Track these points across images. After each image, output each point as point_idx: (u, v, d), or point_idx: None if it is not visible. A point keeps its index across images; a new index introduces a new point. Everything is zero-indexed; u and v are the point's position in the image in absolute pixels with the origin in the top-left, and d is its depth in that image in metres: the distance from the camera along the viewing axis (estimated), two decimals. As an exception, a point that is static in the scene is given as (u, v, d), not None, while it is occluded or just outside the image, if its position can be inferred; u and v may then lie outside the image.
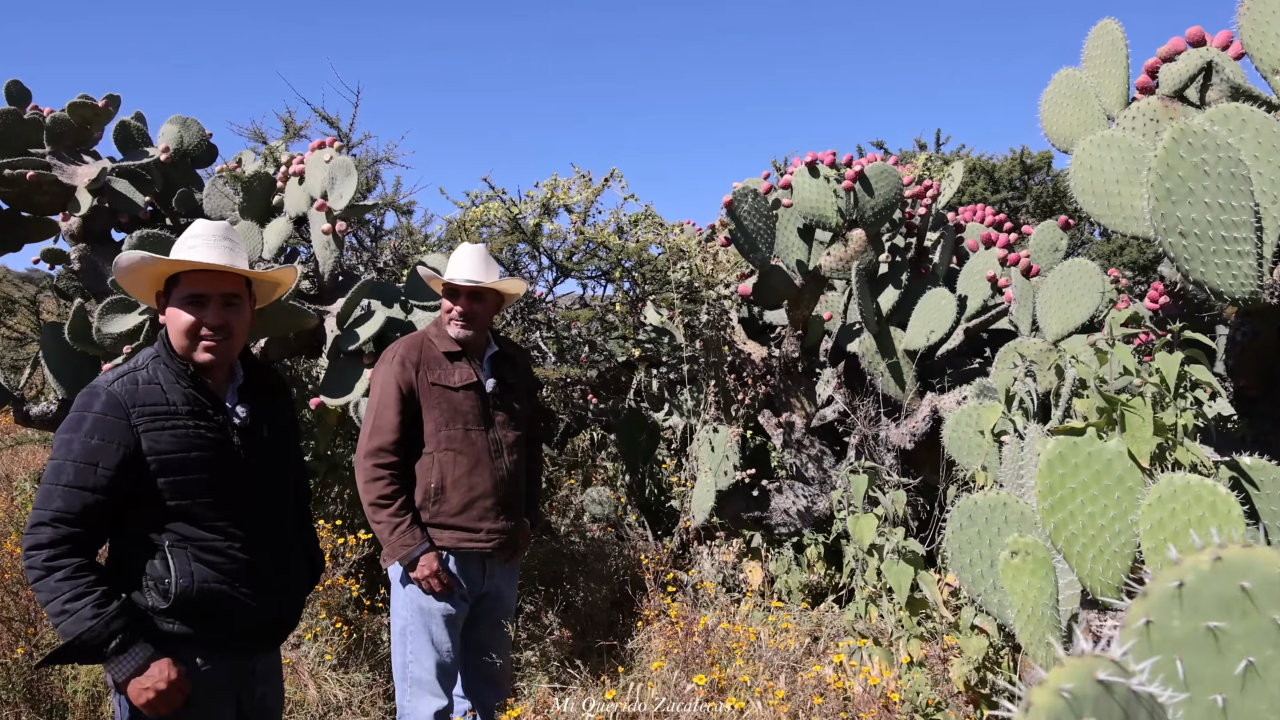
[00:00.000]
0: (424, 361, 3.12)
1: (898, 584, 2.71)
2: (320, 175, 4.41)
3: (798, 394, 5.19)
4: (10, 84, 5.28)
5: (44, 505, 2.07)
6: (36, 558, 2.04)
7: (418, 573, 3.02)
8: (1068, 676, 0.99)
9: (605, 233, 5.20)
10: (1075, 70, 2.93)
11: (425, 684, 3.08)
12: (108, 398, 2.14)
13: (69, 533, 2.06)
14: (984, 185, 9.64)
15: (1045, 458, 1.80)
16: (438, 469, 3.07)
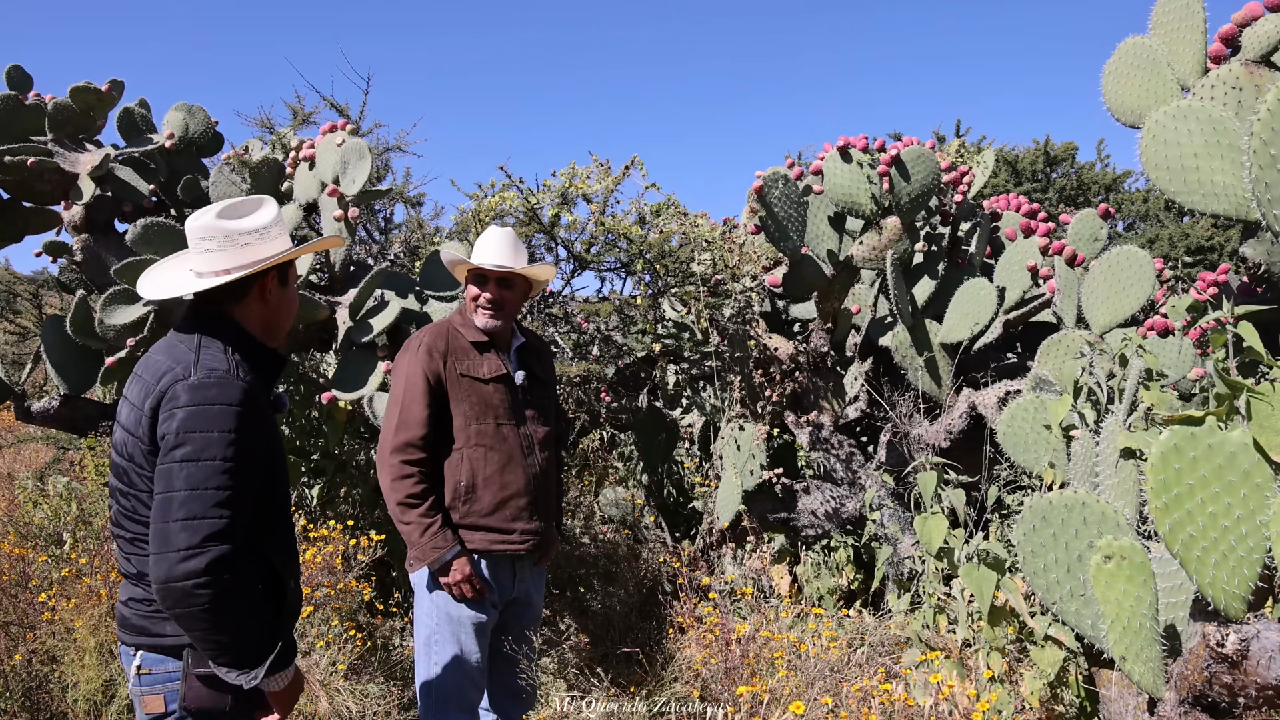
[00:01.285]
0: (451, 351, 2.90)
1: (979, 590, 2.51)
2: (332, 160, 4.24)
3: (826, 391, 5.00)
4: (11, 69, 5.12)
5: (205, 513, 1.85)
6: (223, 575, 1.84)
7: (450, 578, 2.81)
8: None
9: (625, 223, 5.01)
10: (1143, 38, 2.74)
11: (452, 697, 2.87)
12: (242, 388, 1.96)
13: (238, 547, 1.88)
14: (1006, 177, 9.44)
15: (1158, 451, 1.61)
16: (468, 466, 2.86)
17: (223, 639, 1.87)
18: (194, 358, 1.98)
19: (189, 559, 1.81)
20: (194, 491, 1.84)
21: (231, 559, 1.84)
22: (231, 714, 2.01)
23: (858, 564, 4.93)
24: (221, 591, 1.83)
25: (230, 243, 2.05)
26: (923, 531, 2.78)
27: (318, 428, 5.34)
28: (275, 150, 4.96)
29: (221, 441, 1.88)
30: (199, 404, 1.90)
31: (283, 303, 2.18)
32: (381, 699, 3.68)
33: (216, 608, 1.82)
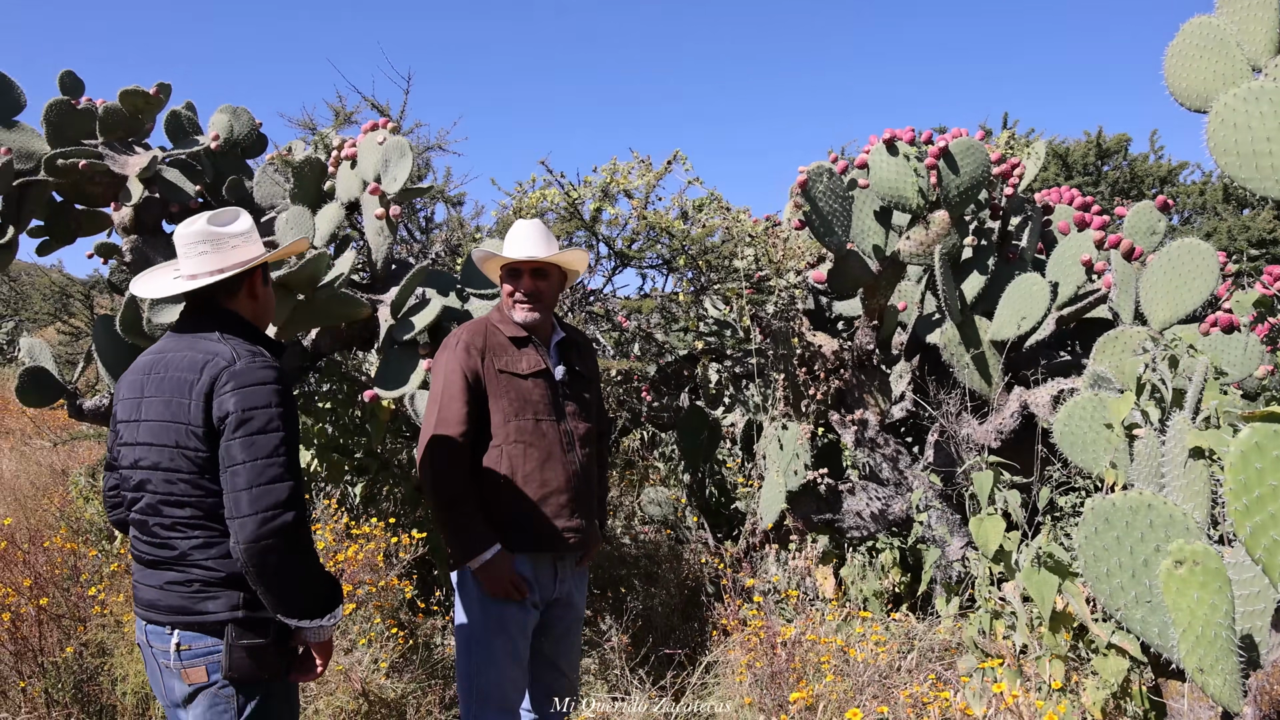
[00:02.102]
0: (489, 347, 2.86)
1: (1039, 595, 2.42)
2: (373, 158, 4.24)
3: (871, 389, 4.90)
4: (63, 75, 5.22)
5: (276, 480, 2.05)
6: (302, 534, 2.06)
7: (490, 576, 2.77)
8: None
9: (668, 218, 4.95)
10: (1210, 17, 2.62)
11: (493, 698, 2.82)
12: (280, 369, 2.18)
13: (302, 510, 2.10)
14: (1056, 170, 9.21)
15: (1238, 449, 1.52)
16: (507, 463, 2.81)
17: (296, 590, 2.08)
18: (228, 347, 2.16)
19: (267, 521, 2.01)
20: (261, 460, 2.04)
21: (300, 520, 2.06)
22: (272, 676, 2.18)
23: (903, 566, 4.83)
24: (295, 548, 2.04)
25: (221, 245, 2.28)
26: (979, 533, 2.68)
27: (361, 426, 5.36)
28: (318, 150, 4.99)
29: (278, 415, 2.09)
30: (253, 384, 2.10)
31: (267, 299, 2.41)
32: (423, 696, 3.67)
33: (291, 563, 2.04)
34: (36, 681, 3.48)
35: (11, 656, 3.56)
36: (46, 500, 6.03)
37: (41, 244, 5.59)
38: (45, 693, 3.46)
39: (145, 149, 5.25)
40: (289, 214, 4.31)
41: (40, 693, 3.45)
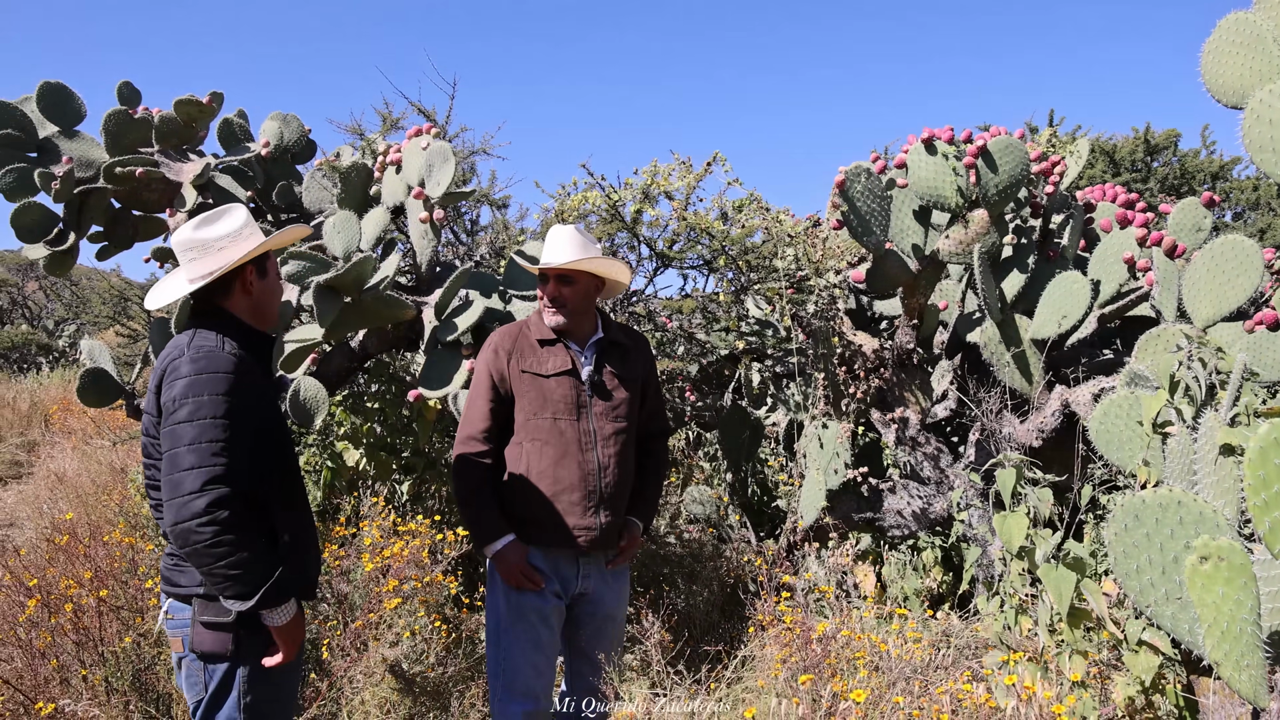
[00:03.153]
0: (517, 349, 2.98)
1: (1057, 592, 2.42)
2: (417, 163, 4.34)
3: (912, 388, 4.89)
4: (121, 85, 5.39)
5: (203, 462, 2.12)
6: (218, 515, 2.09)
7: (500, 565, 2.90)
8: None
9: (708, 219, 4.99)
10: (1247, 13, 2.60)
11: (517, 683, 2.91)
12: (228, 359, 2.25)
13: (235, 491, 2.14)
14: (1103, 167, 9.05)
15: (1258, 444, 1.53)
16: (523, 459, 2.93)
17: (224, 570, 2.12)
18: (188, 341, 2.30)
19: (192, 501, 2.09)
20: (193, 445, 2.13)
21: (229, 500, 2.11)
22: (234, 657, 2.26)
23: (946, 566, 4.82)
24: (222, 528, 2.09)
25: (207, 249, 2.37)
26: (1002, 530, 2.69)
27: (408, 425, 5.47)
28: (364, 155, 5.10)
29: (214, 402, 2.17)
30: (193, 373, 2.20)
31: (265, 291, 2.48)
32: (466, 689, 3.75)
33: (217, 542, 2.09)
34: (97, 670, 3.62)
35: (74, 646, 3.71)
36: (106, 497, 6.24)
37: (101, 249, 5.79)
38: (105, 681, 3.60)
39: (199, 156, 5.42)
40: (336, 218, 4.42)
41: (100, 680, 3.59)
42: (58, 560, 4.35)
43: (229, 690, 2.27)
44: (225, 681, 2.27)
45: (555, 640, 3.01)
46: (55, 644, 3.69)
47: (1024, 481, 2.93)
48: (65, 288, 22.38)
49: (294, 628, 2.30)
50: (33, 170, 5.09)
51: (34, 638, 3.71)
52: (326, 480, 5.17)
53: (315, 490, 5.12)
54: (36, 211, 5.22)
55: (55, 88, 5.29)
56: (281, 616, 2.26)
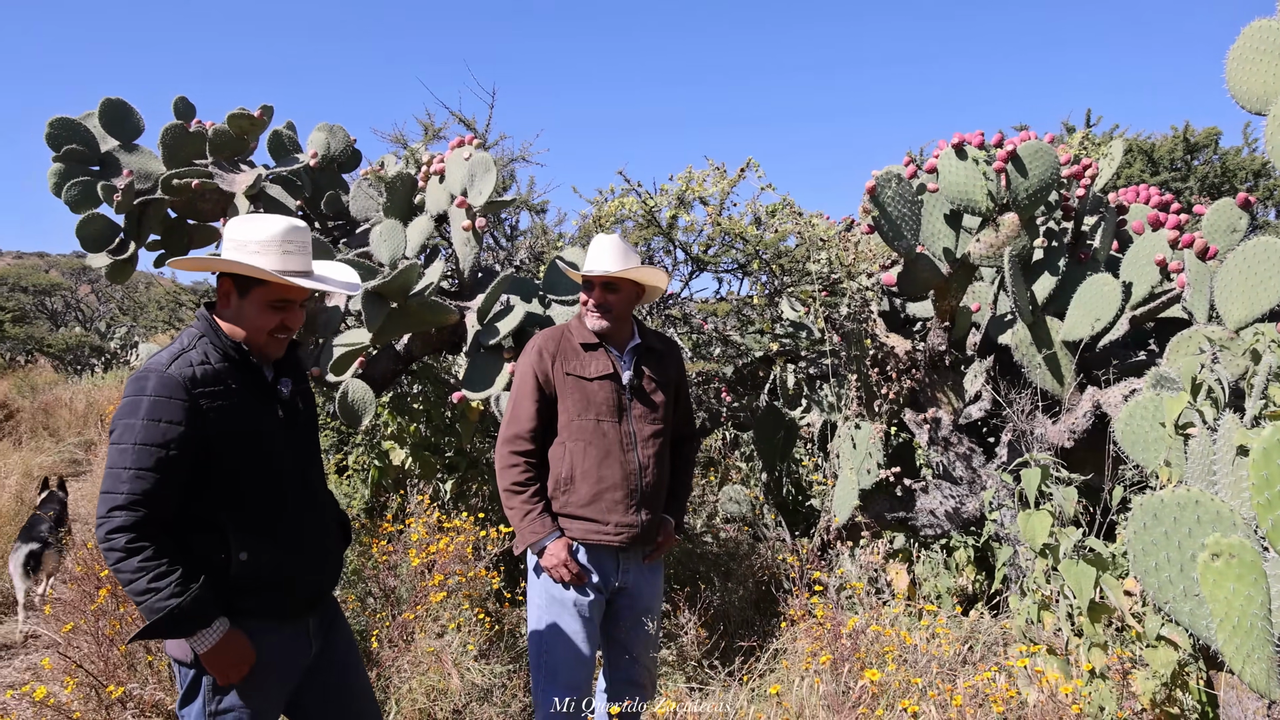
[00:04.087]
0: (561, 352, 3.11)
1: (1078, 586, 2.49)
2: (460, 173, 4.49)
3: (944, 389, 4.95)
4: (177, 100, 5.61)
5: (114, 489, 2.12)
6: (117, 540, 2.10)
7: (545, 561, 3.02)
8: None
9: (742, 224, 5.09)
10: (1270, 21, 2.65)
11: (559, 675, 3.04)
12: (162, 380, 2.18)
13: (143, 515, 2.12)
14: (1142, 166, 8.98)
15: (1260, 445, 1.60)
16: (568, 459, 3.05)
17: (131, 590, 2.12)
18: (158, 351, 2.29)
19: (100, 525, 2.11)
20: (111, 470, 2.14)
21: (129, 528, 2.09)
22: (197, 664, 2.24)
23: (979, 565, 4.87)
24: (118, 555, 2.09)
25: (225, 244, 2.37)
26: (1025, 528, 2.76)
27: (451, 426, 5.63)
28: (408, 165, 5.26)
29: (133, 427, 2.14)
30: (129, 394, 2.19)
31: (238, 315, 2.35)
32: (508, 678, 3.89)
33: (116, 569, 2.11)
34: (161, 657, 3.81)
35: (139, 634, 3.90)
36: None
37: (158, 257, 6.02)
38: (168, 666, 3.79)
39: (250, 167, 5.62)
40: (382, 227, 4.59)
41: (164, 666, 3.78)
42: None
43: (195, 695, 2.28)
44: (192, 686, 2.28)
45: (595, 633, 3.14)
46: (123, 631, 3.88)
47: (1050, 481, 3.00)
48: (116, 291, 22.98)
49: (221, 653, 2.21)
50: (96, 183, 5.33)
51: (103, 626, 3.91)
52: (374, 479, 5.34)
53: (363, 488, 5.29)
54: (100, 222, 5.46)
55: (116, 104, 5.52)
56: (202, 643, 2.19)
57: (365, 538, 4.87)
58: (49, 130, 5.46)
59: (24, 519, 7.11)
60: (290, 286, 2.33)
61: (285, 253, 2.32)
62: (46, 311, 24.91)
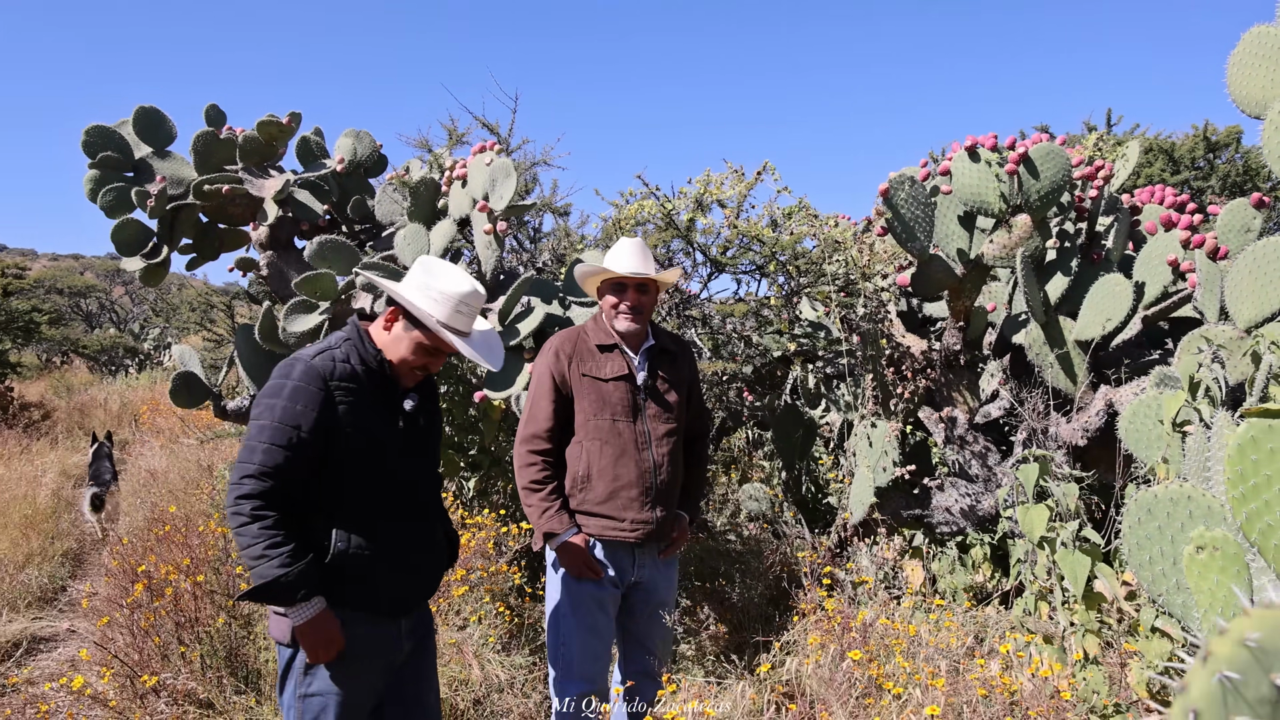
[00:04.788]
0: (577, 353, 3.20)
1: (1073, 575, 2.56)
2: (481, 178, 4.60)
3: (959, 388, 5.00)
4: (209, 108, 5.76)
5: (249, 459, 2.30)
6: (244, 506, 2.28)
7: (563, 556, 3.11)
8: (1255, 625, 0.86)
9: (759, 226, 5.17)
10: (1269, 27, 2.69)
11: (575, 667, 3.13)
12: (307, 368, 2.39)
13: (271, 486, 2.30)
14: (1162, 166, 8.93)
15: (1236, 441, 1.66)
16: (585, 457, 3.15)
17: (245, 553, 2.29)
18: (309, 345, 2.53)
19: (231, 490, 2.31)
20: (248, 443, 2.34)
21: (256, 495, 2.28)
22: (295, 644, 2.40)
23: (995, 562, 4.91)
24: (243, 520, 2.28)
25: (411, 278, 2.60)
26: (1024, 521, 2.82)
27: (474, 425, 5.74)
28: (432, 170, 5.38)
29: (272, 406, 2.34)
30: (273, 379, 2.41)
31: (392, 340, 2.56)
32: (528, 670, 4.00)
33: (239, 528, 2.29)
34: (194, 648, 3.95)
35: (174, 626, 4.05)
36: (197, 491, 6.65)
37: (190, 260, 6.19)
38: (201, 658, 3.93)
39: (279, 172, 5.77)
40: (406, 231, 4.71)
41: (197, 657, 3.92)
42: (156, 549, 4.72)
43: (291, 679, 2.43)
44: (288, 666, 2.43)
45: (611, 626, 3.23)
46: (157, 624, 4.03)
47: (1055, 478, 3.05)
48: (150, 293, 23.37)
49: (314, 630, 2.35)
50: (130, 189, 5.50)
51: (138, 618, 4.06)
52: (398, 476, 5.45)
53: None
54: (134, 227, 5.62)
55: (149, 112, 5.69)
56: (298, 615, 2.33)
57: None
58: (85, 138, 5.62)
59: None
60: (448, 343, 2.54)
61: (457, 311, 2.54)
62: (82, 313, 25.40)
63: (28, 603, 5.77)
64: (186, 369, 5.33)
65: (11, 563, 6.10)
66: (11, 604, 5.61)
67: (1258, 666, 0.84)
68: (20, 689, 4.28)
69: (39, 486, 8.11)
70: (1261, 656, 0.84)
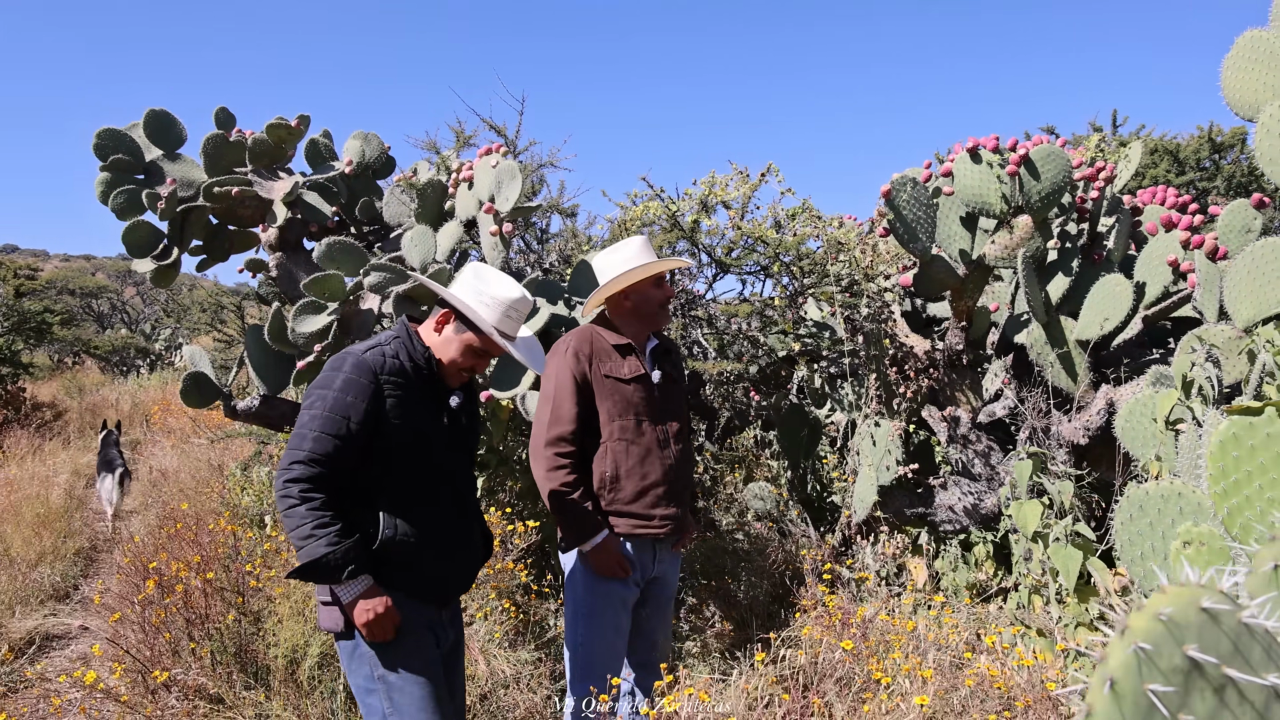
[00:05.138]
0: (595, 354, 3.20)
1: (1065, 569, 2.59)
2: (487, 180, 4.65)
3: (962, 387, 5.04)
4: (218, 111, 5.83)
5: (299, 446, 2.40)
6: (292, 489, 2.37)
7: (598, 558, 3.11)
8: (1169, 601, 0.93)
9: (763, 227, 5.22)
10: (1262, 31, 2.73)
11: (597, 665, 3.17)
12: (358, 361, 2.49)
13: (319, 472, 2.38)
14: (1168, 167, 8.93)
15: (1217, 438, 1.70)
16: (612, 458, 3.15)
17: (294, 533, 2.37)
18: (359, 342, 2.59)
19: (280, 474, 2.40)
20: (298, 430, 2.43)
21: (306, 479, 2.36)
22: (347, 633, 2.49)
23: (999, 560, 4.94)
24: (292, 502, 2.36)
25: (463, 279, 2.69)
26: (1019, 516, 2.86)
27: (482, 425, 5.80)
28: (439, 172, 5.44)
29: (324, 397, 2.44)
30: (325, 371, 2.51)
31: (444, 342, 2.67)
32: (534, 665, 4.04)
33: (287, 513, 2.37)
34: (205, 644, 4.01)
35: (184, 623, 4.11)
36: (207, 489, 6.72)
37: (200, 261, 6.26)
38: (211, 654, 3.99)
39: (288, 174, 5.83)
40: (414, 232, 4.76)
41: (207, 653, 3.98)
42: (168, 547, 4.78)
43: (362, 664, 2.49)
44: (352, 655, 2.50)
45: (629, 623, 3.27)
46: (168, 620, 4.09)
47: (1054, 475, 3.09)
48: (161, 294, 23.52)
49: (366, 607, 2.43)
50: (140, 191, 5.56)
51: (149, 615, 4.12)
52: (406, 475, 5.51)
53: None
54: (145, 229, 5.69)
55: (160, 115, 5.75)
56: (347, 592, 2.42)
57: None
58: (96, 141, 5.69)
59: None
60: (499, 346, 2.66)
61: (507, 316, 2.65)
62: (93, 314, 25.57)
63: (40, 600, 5.84)
64: (197, 369, 5.39)
65: (24, 561, 6.17)
66: (24, 601, 5.69)
67: (1170, 639, 0.91)
68: (34, 684, 4.35)
69: (51, 486, 8.20)
70: (1174, 629, 0.91)
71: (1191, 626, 0.92)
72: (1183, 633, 0.91)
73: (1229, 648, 0.92)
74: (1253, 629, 0.93)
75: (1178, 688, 0.91)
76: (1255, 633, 0.94)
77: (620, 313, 3.29)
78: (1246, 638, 0.93)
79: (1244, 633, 0.93)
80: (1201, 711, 0.91)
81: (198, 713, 3.74)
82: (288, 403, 5.60)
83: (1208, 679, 0.92)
